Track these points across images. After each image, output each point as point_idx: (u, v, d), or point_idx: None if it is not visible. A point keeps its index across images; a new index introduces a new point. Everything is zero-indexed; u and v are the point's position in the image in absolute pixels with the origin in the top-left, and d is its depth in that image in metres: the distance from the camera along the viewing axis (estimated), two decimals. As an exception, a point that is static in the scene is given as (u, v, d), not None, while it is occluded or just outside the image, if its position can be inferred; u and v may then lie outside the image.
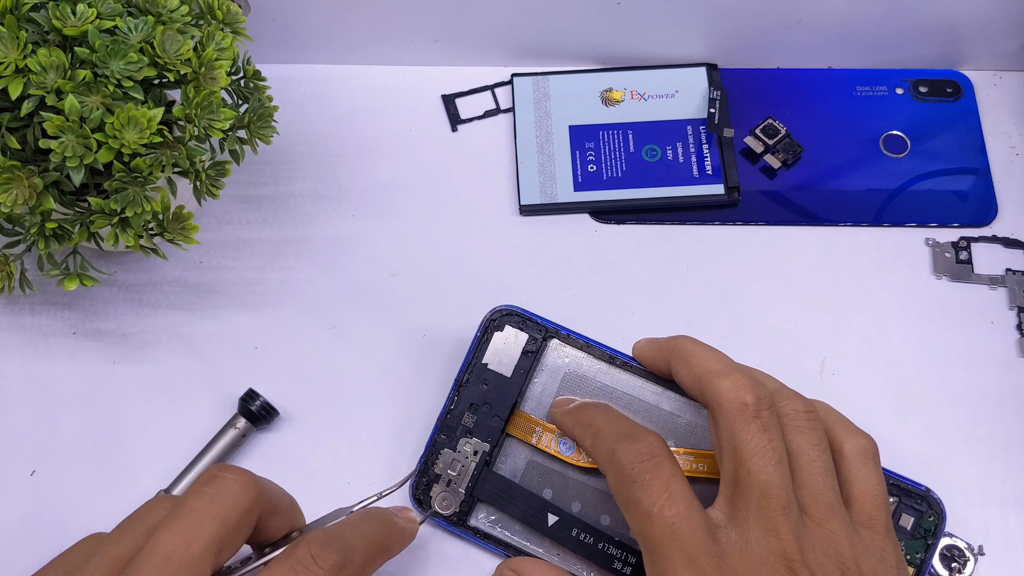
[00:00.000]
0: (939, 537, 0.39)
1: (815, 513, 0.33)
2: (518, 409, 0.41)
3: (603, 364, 0.41)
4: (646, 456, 0.33)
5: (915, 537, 0.40)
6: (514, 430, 0.41)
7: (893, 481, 0.40)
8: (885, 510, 0.35)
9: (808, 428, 0.35)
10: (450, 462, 0.40)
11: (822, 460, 0.34)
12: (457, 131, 0.51)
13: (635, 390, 0.41)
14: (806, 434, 0.35)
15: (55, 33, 0.36)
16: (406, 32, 0.51)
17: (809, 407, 0.36)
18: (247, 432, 0.42)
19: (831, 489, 0.34)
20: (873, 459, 0.36)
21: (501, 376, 0.41)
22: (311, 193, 0.49)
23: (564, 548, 0.39)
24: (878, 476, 0.36)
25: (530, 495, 0.40)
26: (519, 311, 0.42)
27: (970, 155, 0.50)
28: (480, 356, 0.41)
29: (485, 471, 0.40)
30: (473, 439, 0.40)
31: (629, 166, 0.49)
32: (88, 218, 0.38)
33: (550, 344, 0.42)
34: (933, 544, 0.39)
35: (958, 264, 0.47)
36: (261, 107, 0.41)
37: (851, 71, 0.52)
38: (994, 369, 0.45)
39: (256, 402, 0.42)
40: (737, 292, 0.47)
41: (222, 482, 0.31)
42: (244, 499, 0.31)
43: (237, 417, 0.42)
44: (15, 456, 0.43)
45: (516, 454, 0.41)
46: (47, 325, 0.46)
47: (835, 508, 0.34)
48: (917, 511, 0.40)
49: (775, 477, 0.33)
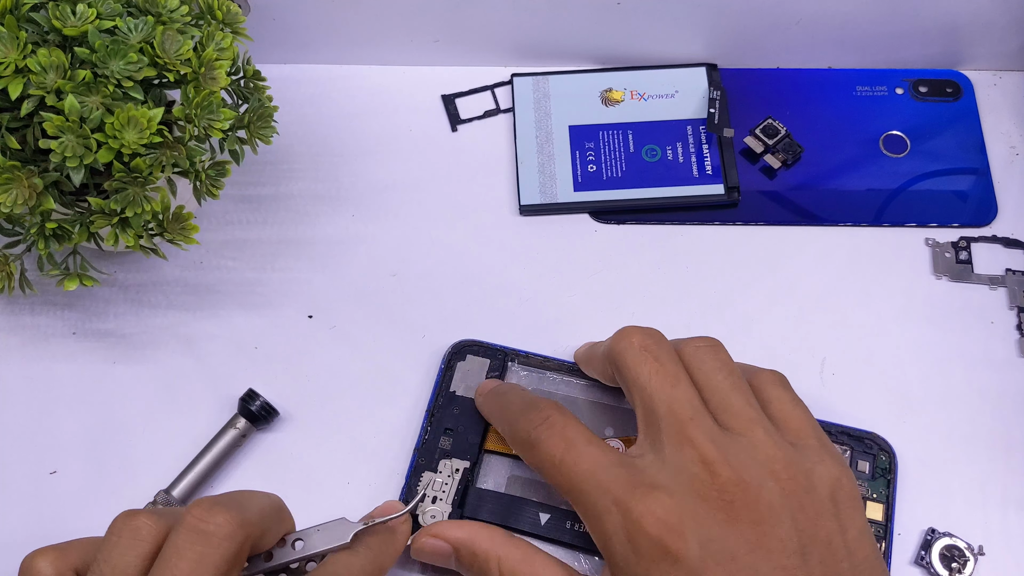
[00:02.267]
0: (895, 472, 0.41)
1: (736, 426, 0.33)
2: (492, 426, 0.41)
3: (562, 376, 0.43)
4: (539, 421, 0.35)
5: (875, 478, 0.41)
6: (492, 444, 0.41)
7: (839, 430, 0.41)
8: (811, 424, 0.35)
9: (711, 356, 0.35)
10: (432, 482, 0.41)
11: (731, 380, 0.35)
12: (457, 131, 0.51)
13: (596, 395, 0.42)
14: (709, 361, 0.35)
15: (55, 33, 0.36)
16: (406, 32, 0.51)
17: (710, 341, 0.36)
18: (247, 432, 0.42)
19: (749, 405, 0.34)
20: (784, 384, 0.36)
21: (470, 399, 0.42)
22: (311, 193, 0.49)
23: (560, 543, 0.39)
24: (793, 395, 0.36)
25: (519, 500, 0.40)
26: (477, 341, 0.43)
27: (970, 155, 0.50)
28: (448, 385, 0.43)
29: (470, 488, 0.40)
30: (453, 459, 0.41)
31: (629, 166, 0.49)
32: (88, 218, 0.38)
33: (510, 367, 0.43)
34: (893, 479, 0.41)
35: (958, 264, 0.47)
36: (261, 107, 0.41)
37: (851, 71, 0.52)
38: (994, 369, 0.45)
39: (256, 402, 0.42)
40: (737, 292, 0.47)
41: (207, 539, 0.29)
42: (232, 547, 0.29)
43: (237, 417, 0.42)
44: (15, 456, 0.43)
45: (497, 470, 0.41)
46: (47, 325, 0.46)
47: (756, 421, 0.34)
48: (869, 454, 0.41)
49: (676, 393, 0.33)
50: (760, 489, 0.31)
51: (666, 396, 0.34)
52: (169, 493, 0.41)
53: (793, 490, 0.32)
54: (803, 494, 0.32)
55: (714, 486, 0.31)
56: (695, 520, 0.31)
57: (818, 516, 0.32)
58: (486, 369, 0.43)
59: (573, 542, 0.39)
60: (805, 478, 0.32)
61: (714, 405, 0.34)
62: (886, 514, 0.40)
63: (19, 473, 0.42)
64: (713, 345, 0.36)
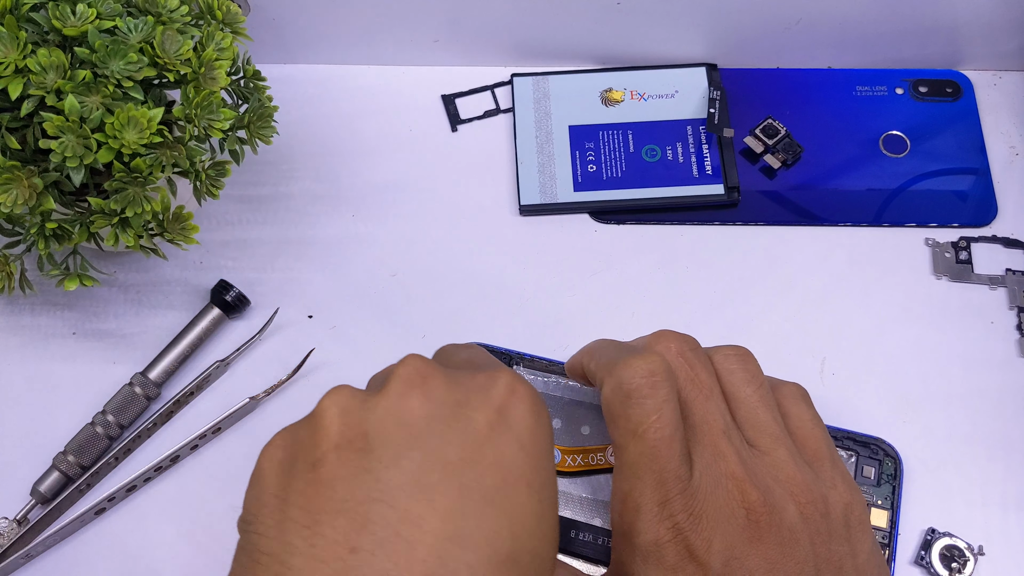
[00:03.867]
0: (900, 478, 0.41)
1: (760, 444, 0.34)
2: None
3: (567, 380, 0.42)
4: (646, 374, 0.33)
5: (881, 483, 0.41)
6: None
7: (845, 435, 0.41)
8: (827, 445, 0.35)
9: (741, 367, 0.35)
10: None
11: (760, 393, 0.35)
12: (457, 131, 0.51)
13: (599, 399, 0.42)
14: (739, 372, 0.35)
15: (55, 33, 0.36)
16: (406, 32, 0.51)
17: (741, 351, 0.36)
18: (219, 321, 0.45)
19: (774, 421, 0.34)
20: (805, 400, 0.36)
21: None
22: (311, 193, 0.49)
23: (565, 551, 0.39)
24: (813, 413, 0.36)
25: None
26: (482, 345, 0.43)
27: (970, 155, 0.50)
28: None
29: None
30: None
31: (629, 166, 0.49)
32: (88, 218, 0.38)
33: (515, 370, 0.43)
34: (898, 485, 0.41)
35: (958, 264, 0.47)
36: (261, 107, 0.41)
37: (851, 71, 0.52)
38: (994, 369, 0.45)
39: (230, 292, 0.45)
40: (737, 292, 0.47)
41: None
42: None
43: (210, 307, 0.44)
44: (15, 457, 0.43)
45: None
46: (47, 325, 0.46)
47: (780, 439, 0.34)
48: (875, 460, 0.41)
49: (709, 406, 0.33)
50: (784, 512, 0.32)
51: (700, 407, 0.33)
52: (146, 376, 0.43)
53: (811, 515, 0.32)
54: (820, 519, 0.33)
55: (743, 504, 0.32)
56: (724, 536, 0.31)
57: (832, 540, 0.33)
58: None
59: (578, 551, 0.39)
60: (823, 503, 0.33)
61: (741, 418, 0.34)
62: (891, 520, 0.40)
63: (19, 473, 0.42)
64: (743, 355, 0.36)
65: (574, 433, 0.41)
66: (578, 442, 0.41)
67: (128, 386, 0.43)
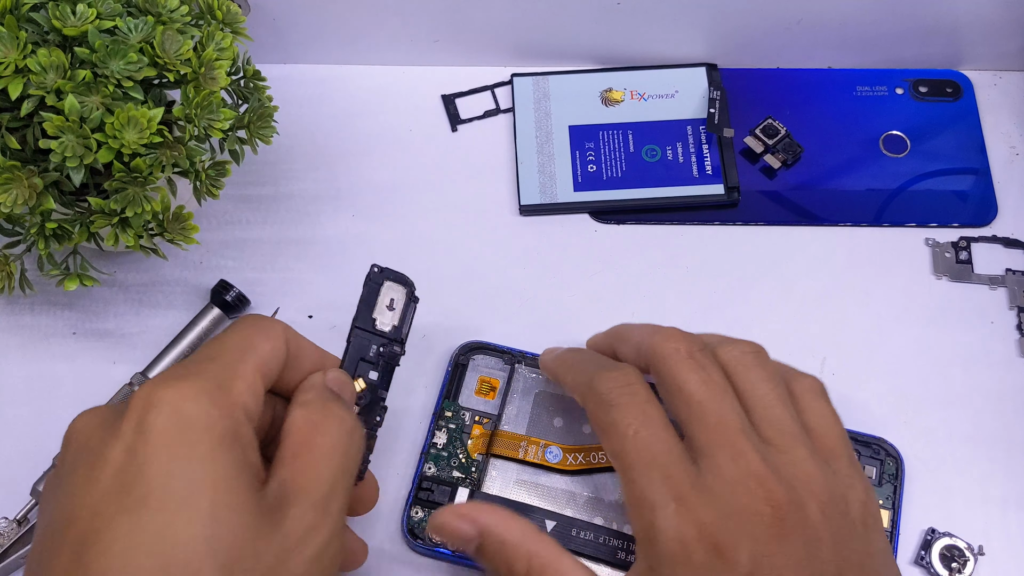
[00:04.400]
0: (902, 478, 0.41)
1: (779, 442, 0.33)
2: (499, 429, 0.41)
3: None
4: (623, 383, 0.34)
5: (882, 483, 0.41)
6: (498, 449, 0.41)
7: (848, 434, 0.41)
8: (844, 442, 0.35)
9: (756, 365, 0.35)
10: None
11: (776, 392, 0.34)
12: (457, 131, 0.51)
13: None
14: (754, 370, 0.35)
15: (55, 33, 0.36)
16: (406, 32, 0.51)
17: (755, 348, 0.36)
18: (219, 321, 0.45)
19: (791, 418, 0.34)
20: (823, 395, 0.36)
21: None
22: (311, 193, 0.49)
23: (567, 549, 0.39)
24: (831, 409, 0.36)
25: (524, 507, 0.40)
26: (484, 343, 0.43)
27: (970, 155, 0.50)
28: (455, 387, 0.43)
29: (476, 493, 0.40)
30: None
31: (629, 166, 0.49)
32: (88, 218, 0.38)
33: (518, 369, 0.43)
34: (899, 485, 0.41)
35: (958, 264, 0.47)
36: (261, 107, 0.41)
37: (851, 71, 0.52)
38: (994, 369, 0.45)
39: (230, 292, 0.45)
40: (737, 292, 0.47)
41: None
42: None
43: (210, 306, 0.45)
44: (15, 457, 0.43)
45: (503, 475, 0.41)
46: (47, 325, 0.46)
47: (798, 437, 0.34)
48: (877, 459, 0.41)
49: (725, 405, 0.33)
50: (807, 510, 0.32)
51: (716, 407, 0.33)
52: (146, 376, 0.43)
53: (832, 514, 0.32)
54: (840, 518, 0.32)
55: (768, 502, 0.31)
56: (750, 534, 0.31)
57: (852, 539, 0.32)
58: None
59: (579, 550, 0.39)
60: (843, 502, 0.33)
61: (757, 417, 0.34)
62: (892, 520, 0.40)
63: (19, 473, 0.42)
64: (756, 351, 0.36)
65: (575, 432, 0.41)
66: (579, 441, 0.41)
67: (128, 386, 0.43)
